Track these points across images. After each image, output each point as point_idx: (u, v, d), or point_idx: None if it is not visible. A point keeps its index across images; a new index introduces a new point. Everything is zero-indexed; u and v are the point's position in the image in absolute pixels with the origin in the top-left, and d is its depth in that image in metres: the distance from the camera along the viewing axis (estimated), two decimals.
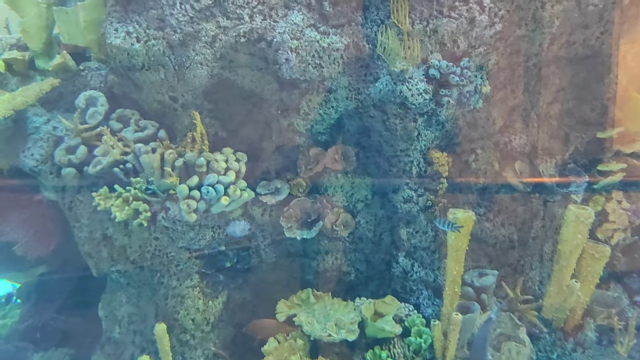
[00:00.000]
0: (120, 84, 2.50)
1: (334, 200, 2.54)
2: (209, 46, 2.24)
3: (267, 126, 2.49)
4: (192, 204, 2.24)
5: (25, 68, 2.61)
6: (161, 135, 2.44)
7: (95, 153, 2.39)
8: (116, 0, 2.34)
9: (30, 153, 2.40)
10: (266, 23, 2.21)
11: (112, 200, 2.32)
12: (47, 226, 2.54)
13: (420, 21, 2.22)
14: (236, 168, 2.38)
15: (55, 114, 2.55)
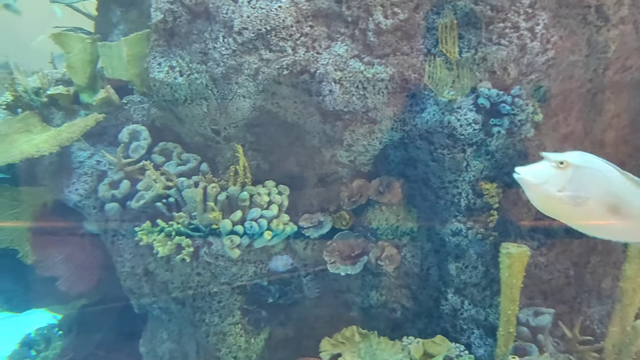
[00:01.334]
0: (163, 117, 2.51)
1: (379, 234, 2.45)
2: (252, 79, 2.22)
3: (310, 158, 2.44)
4: (236, 240, 2.19)
5: (70, 103, 2.65)
6: (203, 168, 2.42)
7: (138, 187, 2.38)
8: (159, 35, 2.35)
9: (75, 188, 2.41)
10: (309, 55, 2.18)
11: (155, 235, 2.30)
12: (90, 261, 2.54)
13: (469, 49, 2.15)
14: (279, 201, 2.33)
15: (99, 147, 2.57)
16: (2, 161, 2.20)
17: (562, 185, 1.35)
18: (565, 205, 1.37)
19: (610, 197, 1.35)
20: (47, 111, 2.64)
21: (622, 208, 1.36)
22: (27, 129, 2.47)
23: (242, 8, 2.14)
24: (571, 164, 1.36)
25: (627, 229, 1.39)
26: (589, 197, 1.34)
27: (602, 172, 1.37)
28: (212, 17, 2.22)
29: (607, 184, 1.35)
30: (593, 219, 1.38)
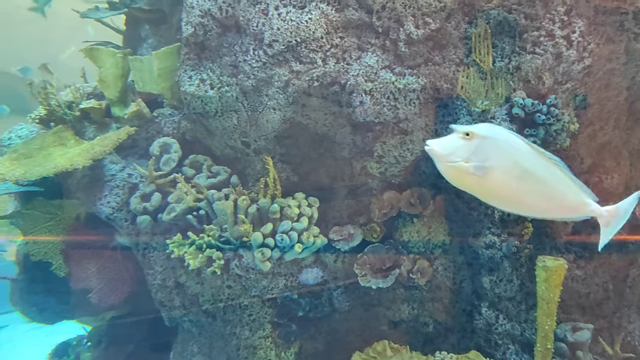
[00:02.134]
0: (193, 130, 2.52)
1: (410, 246, 2.41)
2: (282, 91, 2.21)
3: (339, 170, 2.42)
4: (267, 252, 2.17)
5: (102, 116, 2.68)
6: (234, 181, 2.42)
7: (169, 200, 2.39)
8: (190, 49, 2.37)
9: (107, 201, 2.42)
10: (339, 66, 2.17)
11: (186, 248, 2.30)
12: (121, 273, 2.55)
13: (502, 58, 2.12)
14: (309, 214, 2.32)
15: (130, 160, 2.59)
16: (37, 175, 2.23)
17: (468, 156, 1.34)
18: (471, 176, 1.36)
19: (516, 168, 1.33)
20: (80, 124, 2.67)
21: (528, 180, 1.34)
22: (61, 143, 2.50)
23: (272, 21, 2.14)
24: (477, 135, 1.34)
25: (533, 202, 1.37)
26: (494, 168, 1.32)
27: (508, 143, 1.35)
28: (243, 30, 2.23)
29: (513, 155, 1.33)
30: (499, 190, 1.37)
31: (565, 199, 1.35)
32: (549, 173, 1.35)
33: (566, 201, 1.36)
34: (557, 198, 1.35)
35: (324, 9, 2.13)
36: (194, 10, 2.29)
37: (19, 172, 2.25)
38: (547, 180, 1.35)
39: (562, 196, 1.35)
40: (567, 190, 1.35)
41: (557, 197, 1.35)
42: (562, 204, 1.36)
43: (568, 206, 1.37)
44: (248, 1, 2.19)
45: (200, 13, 2.28)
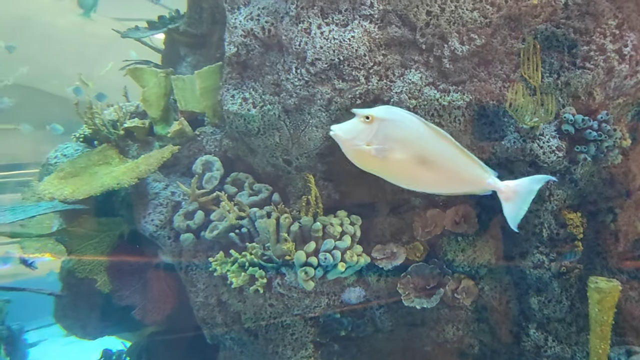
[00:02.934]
0: (235, 148, 2.53)
1: (455, 266, 2.36)
2: (324, 109, 2.21)
3: (381, 187, 2.39)
4: (310, 272, 2.16)
5: (145, 135, 2.72)
6: (275, 199, 2.42)
7: (211, 218, 2.40)
8: (232, 68, 2.39)
9: (151, 219, 2.45)
10: (382, 83, 2.16)
11: (228, 266, 2.30)
12: (164, 290, 2.57)
13: (550, 74, 2.07)
14: (351, 232, 2.29)
15: (172, 178, 2.62)
16: (84, 193, 2.28)
17: (370, 139, 1.38)
18: (375, 159, 1.40)
19: (415, 148, 1.38)
20: (124, 143, 2.72)
21: (428, 159, 1.38)
22: (106, 161, 2.55)
23: (315, 39, 2.15)
24: (376, 118, 1.39)
25: (434, 180, 1.43)
26: (394, 149, 1.37)
27: (407, 124, 1.40)
28: (285, 49, 2.24)
29: (412, 136, 1.38)
30: (401, 170, 1.41)
31: (464, 174, 1.41)
32: (447, 150, 1.40)
33: (465, 176, 1.42)
34: (457, 174, 1.41)
35: (366, 26, 2.12)
36: (237, 30, 2.31)
37: (67, 191, 2.30)
38: (445, 157, 1.40)
39: (461, 171, 1.41)
40: (466, 166, 1.41)
41: (457, 172, 1.41)
42: (462, 179, 1.43)
43: (467, 181, 1.44)
44: (290, 20, 2.20)
45: (243, 33, 2.30)
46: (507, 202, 1.51)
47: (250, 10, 2.31)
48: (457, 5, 2.04)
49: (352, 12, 2.14)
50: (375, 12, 2.12)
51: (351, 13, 2.14)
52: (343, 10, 2.15)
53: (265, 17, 2.27)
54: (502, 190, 1.49)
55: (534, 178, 1.55)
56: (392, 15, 2.12)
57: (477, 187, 1.47)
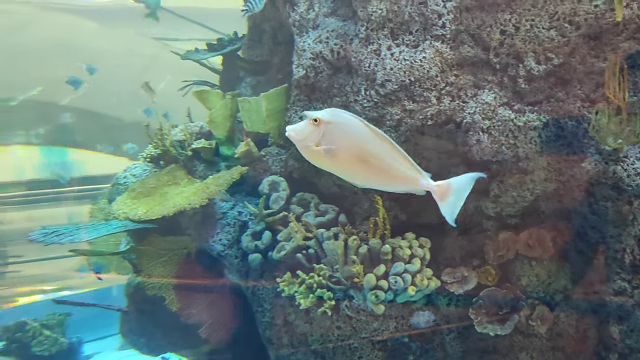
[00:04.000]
0: (300, 168, 2.55)
1: (529, 291, 2.28)
2: (394, 130, 2.19)
3: None
4: (381, 295, 2.13)
5: (211, 155, 2.77)
6: (342, 220, 2.41)
7: (278, 238, 2.41)
8: (300, 90, 2.41)
9: (219, 238, 2.49)
10: (455, 104, 2.12)
11: (296, 287, 2.30)
12: (230, 309, 2.58)
13: (635, 93, 1.99)
14: (421, 255, 2.25)
15: (237, 198, 2.66)
16: (158, 214, 2.33)
17: (318, 139, 1.50)
18: (324, 157, 1.52)
19: (357, 148, 1.51)
20: (191, 163, 2.78)
21: (368, 158, 1.52)
22: (175, 182, 2.61)
23: (385, 61, 2.14)
24: (323, 121, 1.50)
25: (375, 177, 1.57)
26: (339, 149, 1.50)
27: (349, 126, 1.53)
28: (354, 71, 2.25)
29: (354, 138, 1.51)
30: (346, 168, 1.55)
31: (400, 173, 1.55)
32: (385, 151, 1.53)
33: (401, 175, 1.56)
34: (393, 173, 1.55)
35: (438, 47, 2.10)
36: (306, 53, 2.33)
37: (141, 211, 2.36)
38: (383, 157, 1.53)
39: (397, 171, 1.55)
40: (401, 166, 1.55)
41: (393, 171, 1.55)
42: (398, 177, 1.56)
43: (403, 179, 1.57)
44: (360, 42, 2.21)
45: (311, 55, 2.32)
46: (442, 201, 1.64)
47: (319, 33, 2.33)
48: (533, 24, 2.00)
49: (423, 32, 2.13)
50: (447, 33, 2.09)
51: (422, 34, 2.13)
52: (414, 31, 2.14)
53: (334, 40, 2.28)
54: (434, 190, 1.62)
55: (466, 176, 1.68)
56: (464, 35, 2.10)
57: (411, 186, 1.61)
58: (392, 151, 1.56)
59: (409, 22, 2.14)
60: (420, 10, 2.11)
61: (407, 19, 2.13)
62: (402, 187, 1.64)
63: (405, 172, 1.57)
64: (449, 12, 2.07)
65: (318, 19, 2.34)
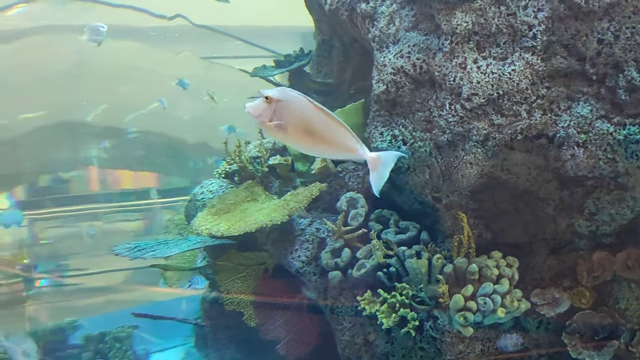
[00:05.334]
0: None
1: (629, 315, 2.14)
2: (481, 145, 2.12)
3: (540, 227, 2.24)
4: (469, 317, 2.05)
5: (287, 171, 2.78)
6: (424, 237, 2.35)
7: (357, 255, 2.38)
8: (381, 105, 2.38)
9: (298, 255, 2.48)
10: (546, 117, 2.03)
11: (377, 306, 2.25)
12: (308, 326, 2.57)
13: None
14: (509, 275, 2.16)
15: (314, 214, 2.64)
16: (240, 230, 2.35)
17: (271, 116, 1.65)
18: (276, 131, 1.67)
19: (303, 122, 1.66)
20: (267, 179, 2.81)
21: (314, 130, 1.67)
22: (253, 198, 2.64)
23: (471, 74, 2.08)
24: (274, 99, 1.64)
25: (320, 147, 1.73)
26: (288, 123, 1.65)
27: (296, 103, 1.67)
28: (438, 85, 2.20)
29: (301, 113, 1.66)
30: (296, 141, 1.72)
31: (342, 144, 1.71)
32: (329, 124, 1.69)
33: (343, 145, 1.71)
34: (336, 143, 1.71)
35: (528, 59, 2.02)
36: (386, 68, 2.31)
37: (223, 227, 2.39)
38: (327, 129, 1.69)
39: (339, 141, 1.71)
40: (343, 138, 1.71)
41: (336, 142, 1.70)
42: (340, 147, 1.72)
43: (344, 149, 1.72)
44: (444, 56, 2.16)
45: (392, 70, 2.29)
46: (373, 171, 1.79)
47: (400, 48, 2.30)
48: (634, 31, 1.89)
49: (512, 44, 2.06)
50: (538, 44, 2.01)
51: (510, 46, 2.06)
52: (501, 43, 2.07)
53: (416, 54, 2.25)
54: (369, 159, 1.77)
55: (392, 153, 1.85)
56: (557, 45, 2.01)
57: (352, 154, 1.76)
58: (336, 125, 1.72)
59: (496, 34, 2.07)
60: (508, 22, 2.04)
61: (494, 31, 2.07)
62: (343, 156, 1.83)
63: (346, 143, 1.72)
64: (541, 23, 1.99)
65: (399, 34, 2.32)
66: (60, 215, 5.40)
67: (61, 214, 5.41)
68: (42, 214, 5.28)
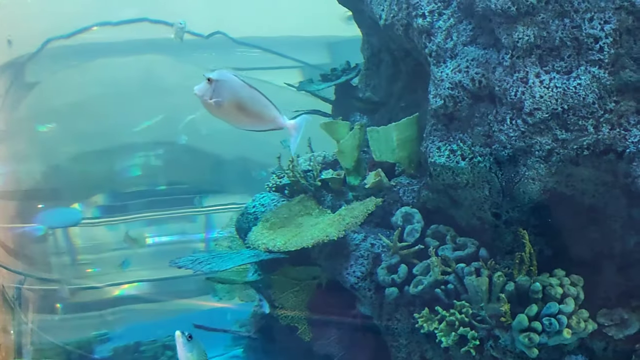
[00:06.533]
0: (435, 199, 2.48)
1: None
2: (543, 161, 2.07)
3: (607, 244, 2.17)
4: (535, 338, 1.99)
5: (340, 185, 2.78)
6: (483, 254, 2.31)
7: (414, 272, 2.36)
8: (438, 120, 2.36)
9: (352, 270, 2.47)
10: (615, 132, 1.97)
11: (436, 324, 2.22)
12: (362, 342, 2.55)
13: None
14: (574, 294, 2.09)
15: (366, 229, 2.63)
16: (297, 245, 2.36)
17: (211, 94, 1.89)
18: (215, 108, 1.90)
19: (236, 99, 1.91)
20: (319, 193, 2.81)
21: (246, 106, 1.92)
22: (307, 212, 2.65)
23: (533, 89, 2.04)
24: (213, 80, 1.88)
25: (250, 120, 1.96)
26: (225, 101, 1.89)
27: (231, 83, 1.91)
28: (498, 100, 2.16)
29: (235, 91, 1.91)
30: (230, 116, 1.94)
31: (268, 116, 1.94)
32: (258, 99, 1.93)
33: (268, 117, 1.95)
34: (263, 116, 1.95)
35: (595, 72, 1.97)
36: (444, 83, 2.29)
37: (279, 242, 2.41)
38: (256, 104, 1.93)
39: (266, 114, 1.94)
40: (269, 110, 1.94)
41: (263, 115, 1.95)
42: (266, 119, 1.95)
43: (270, 120, 1.95)
44: (504, 71, 2.12)
45: (450, 85, 2.27)
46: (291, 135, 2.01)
47: (458, 62, 2.27)
48: None
49: (577, 58, 2.01)
50: (605, 57, 1.96)
51: (575, 59, 2.01)
52: (566, 57, 2.02)
53: (475, 69, 2.22)
54: (289, 126, 1.98)
55: (302, 117, 2.03)
56: (625, 59, 1.95)
57: (274, 124, 1.97)
58: (263, 100, 1.94)
59: (560, 47, 2.03)
60: (573, 35, 1.99)
61: (557, 44, 2.03)
62: (268, 126, 2.00)
63: (271, 114, 1.95)
64: (608, 36, 1.94)
65: (456, 48, 2.29)
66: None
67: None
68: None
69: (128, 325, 4.59)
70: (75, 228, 4.93)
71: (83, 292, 4.71)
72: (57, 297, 4.49)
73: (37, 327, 4.22)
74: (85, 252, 5.12)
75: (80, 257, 5.10)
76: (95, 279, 4.82)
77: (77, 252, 5.07)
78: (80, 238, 5.13)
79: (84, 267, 5.00)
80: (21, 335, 4.12)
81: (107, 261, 5.02)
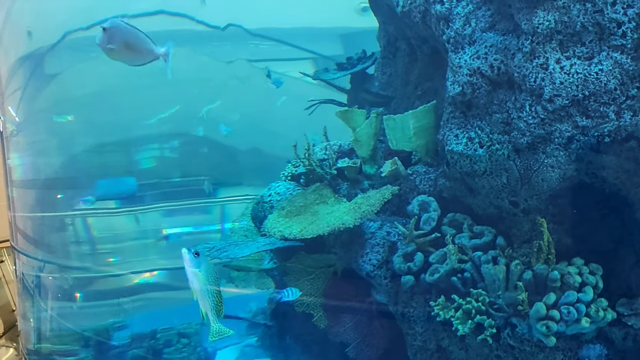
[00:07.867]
0: (452, 188, 2.47)
1: None
2: (563, 148, 2.05)
3: (628, 233, 2.14)
4: (553, 326, 1.98)
5: (356, 174, 2.78)
6: (501, 242, 2.30)
7: (430, 260, 2.35)
8: (455, 107, 2.34)
9: (368, 258, 2.47)
10: (637, 119, 1.94)
11: (452, 312, 2.21)
12: (378, 330, 2.55)
13: None
14: (593, 283, 2.07)
15: (382, 217, 2.63)
16: (313, 233, 2.37)
17: (107, 41, 2.20)
18: (110, 51, 2.22)
19: (125, 40, 2.22)
20: (335, 182, 2.81)
21: (133, 46, 2.23)
22: (322, 200, 2.65)
23: (553, 75, 2.02)
24: (106, 28, 2.21)
25: (135, 56, 2.26)
26: (115, 44, 2.20)
27: (119, 29, 2.22)
28: (517, 86, 2.14)
29: (123, 34, 2.22)
30: (122, 55, 2.25)
31: (146, 50, 2.25)
32: (139, 39, 2.27)
33: (147, 51, 2.24)
34: (142, 50, 2.25)
35: (617, 58, 1.94)
36: (462, 70, 2.27)
37: (295, 230, 2.41)
38: (138, 43, 2.26)
39: (145, 49, 2.25)
40: (147, 45, 2.25)
41: (142, 49, 2.25)
42: (146, 52, 2.25)
43: (150, 52, 2.25)
44: (524, 57, 2.10)
45: (468, 72, 2.25)
46: (165, 61, 2.28)
47: (477, 49, 2.25)
48: None
49: (599, 43, 1.97)
50: (628, 42, 1.92)
51: (597, 45, 1.98)
52: (587, 42, 1.99)
53: (493, 55, 2.20)
54: (162, 52, 2.27)
55: (168, 44, 2.29)
56: None
57: (153, 55, 2.27)
58: (143, 37, 2.25)
59: (581, 32, 2.00)
60: (595, 20, 1.96)
61: (579, 29, 1.99)
62: (148, 58, 2.28)
63: (149, 48, 2.26)
64: (631, 20, 1.90)
65: (475, 35, 2.27)
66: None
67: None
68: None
69: (145, 313, 4.65)
70: (93, 218, 4.98)
71: (103, 280, 4.77)
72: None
73: (56, 314, 4.29)
74: (105, 241, 5.18)
75: (100, 246, 5.16)
76: (116, 268, 4.87)
77: (96, 241, 5.13)
78: (97, 228, 5.19)
79: (105, 256, 5.05)
80: (40, 321, 4.20)
81: (126, 250, 5.09)
